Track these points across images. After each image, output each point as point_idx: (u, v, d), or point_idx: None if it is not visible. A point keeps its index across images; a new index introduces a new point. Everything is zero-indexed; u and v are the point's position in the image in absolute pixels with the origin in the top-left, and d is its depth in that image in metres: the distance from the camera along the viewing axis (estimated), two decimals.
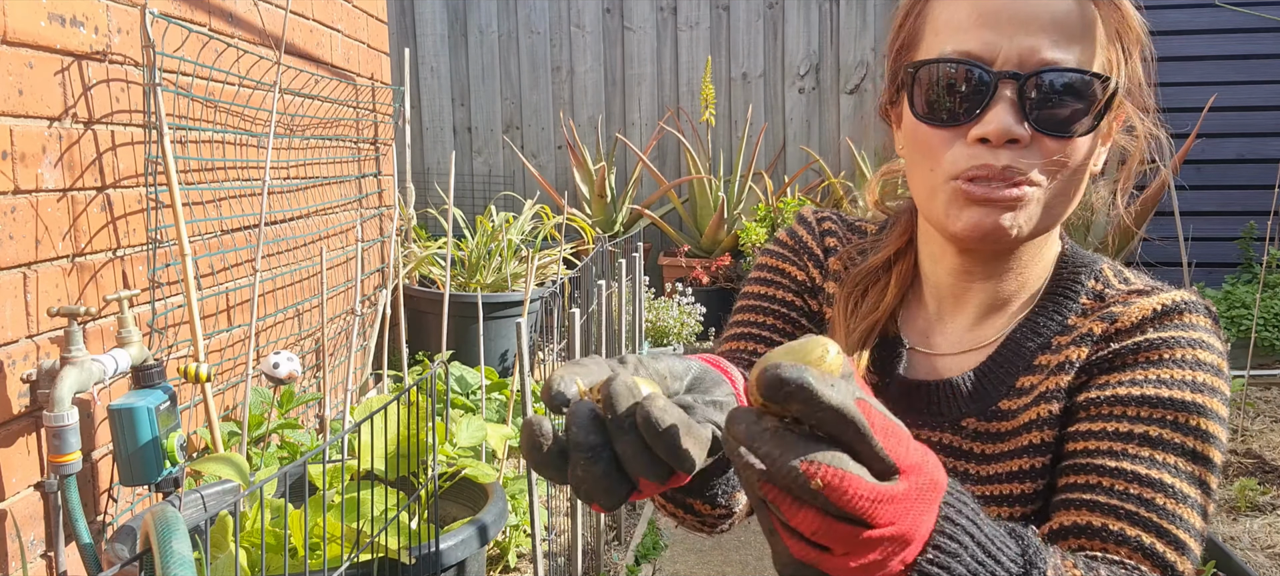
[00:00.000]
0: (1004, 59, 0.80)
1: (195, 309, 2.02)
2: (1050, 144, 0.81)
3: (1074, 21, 0.83)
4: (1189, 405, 0.80)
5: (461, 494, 1.82)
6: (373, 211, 3.58)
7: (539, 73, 5.67)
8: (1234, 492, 2.52)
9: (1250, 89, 5.00)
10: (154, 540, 0.82)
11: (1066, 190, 0.84)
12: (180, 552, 0.80)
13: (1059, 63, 0.81)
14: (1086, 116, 0.82)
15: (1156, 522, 0.77)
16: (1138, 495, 0.78)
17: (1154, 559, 0.76)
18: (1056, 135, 0.81)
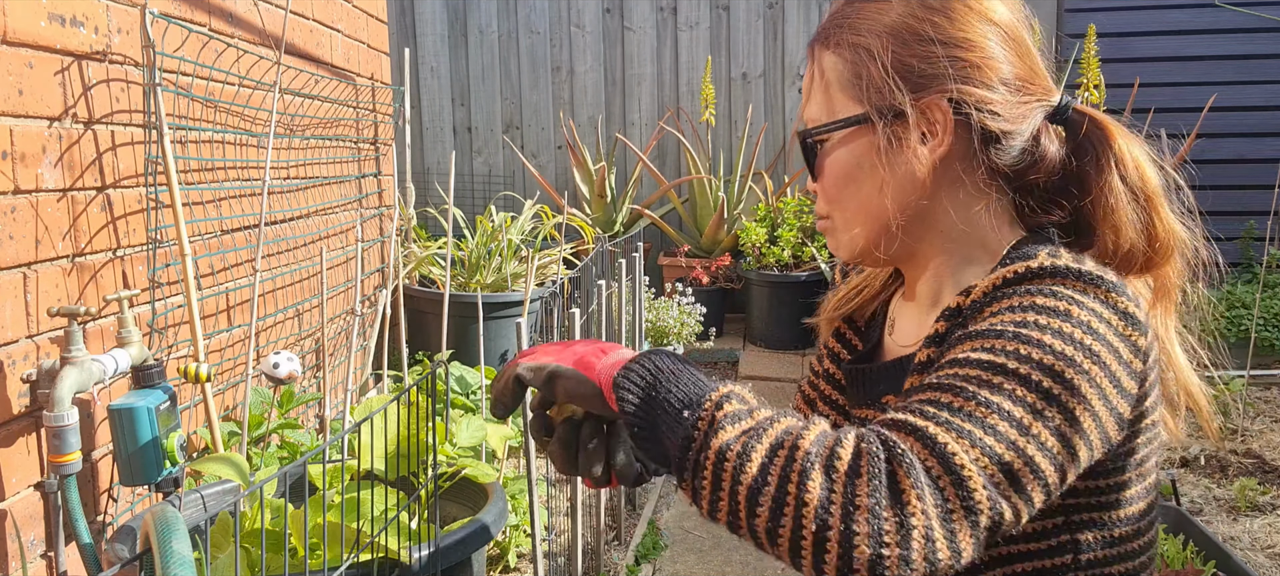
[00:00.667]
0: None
1: (195, 309, 2.02)
2: (817, 183, 1.02)
3: (809, 82, 1.03)
4: (1007, 333, 0.80)
5: (461, 494, 1.82)
6: (373, 211, 3.58)
7: (539, 73, 5.67)
8: (1234, 492, 2.53)
9: (1250, 89, 5.00)
10: (154, 540, 0.82)
11: (859, 208, 0.98)
12: (180, 552, 0.81)
13: (803, 122, 1.03)
14: (816, 156, 1.01)
15: (935, 409, 0.76)
16: (931, 396, 0.78)
17: (918, 434, 0.74)
18: (815, 176, 1.01)
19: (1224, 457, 2.79)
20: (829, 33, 1.02)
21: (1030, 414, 0.77)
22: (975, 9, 0.99)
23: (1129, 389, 0.83)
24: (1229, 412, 3.11)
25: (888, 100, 0.96)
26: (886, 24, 0.98)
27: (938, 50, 0.96)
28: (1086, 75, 4.32)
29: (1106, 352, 0.82)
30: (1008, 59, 0.99)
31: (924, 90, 0.95)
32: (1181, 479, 2.68)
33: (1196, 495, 2.57)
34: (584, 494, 2.48)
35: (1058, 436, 0.78)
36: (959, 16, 0.98)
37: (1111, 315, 0.84)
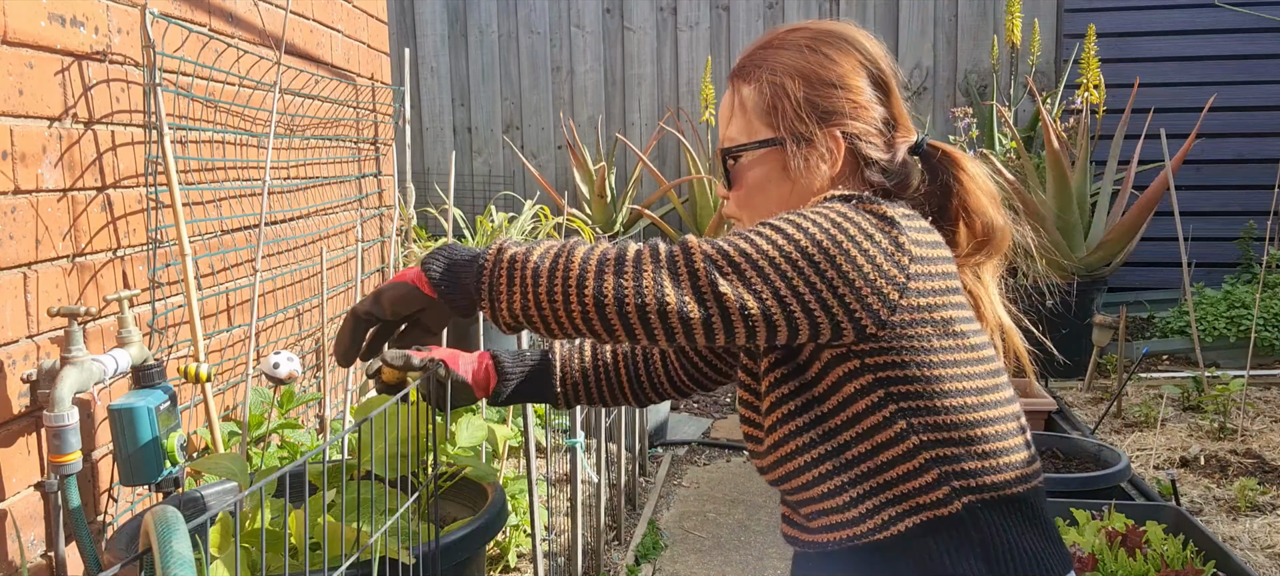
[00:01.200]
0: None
1: (195, 309, 2.02)
2: (732, 190, 1.31)
3: (729, 108, 1.32)
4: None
5: (461, 494, 1.82)
6: (373, 211, 3.58)
7: (539, 73, 5.67)
8: (1234, 492, 2.53)
9: (1250, 89, 5.00)
10: (154, 540, 0.82)
11: (766, 212, 1.23)
12: (180, 553, 0.80)
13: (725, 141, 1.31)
14: (735, 169, 1.30)
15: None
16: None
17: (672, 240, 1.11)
18: (730, 185, 1.31)
19: (1224, 457, 2.79)
20: (748, 69, 1.30)
21: (767, 238, 1.09)
22: (862, 63, 1.29)
23: (883, 267, 1.12)
24: (1229, 412, 3.11)
25: (799, 129, 1.25)
26: (798, 67, 1.27)
27: (837, 93, 1.26)
28: (1086, 75, 4.32)
29: (854, 230, 1.11)
30: (881, 103, 1.29)
31: (826, 123, 1.25)
32: (1181, 479, 2.68)
33: (1196, 495, 2.57)
34: (584, 494, 2.48)
35: (788, 260, 1.08)
36: (850, 68, 1.28)
37: (866, 217, 1.13)
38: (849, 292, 1.10)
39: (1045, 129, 4.03)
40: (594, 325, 1.08)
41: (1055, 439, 2.66)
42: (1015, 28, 4.78)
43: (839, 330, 1.12)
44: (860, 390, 1.18)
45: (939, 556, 1.18)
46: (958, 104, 5.31)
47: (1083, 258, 4.15)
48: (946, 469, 1.18)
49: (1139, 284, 4.92)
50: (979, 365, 1.21)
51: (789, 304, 1.09)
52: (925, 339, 1.16)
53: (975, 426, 1.18)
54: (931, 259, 1.18)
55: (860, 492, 1.21)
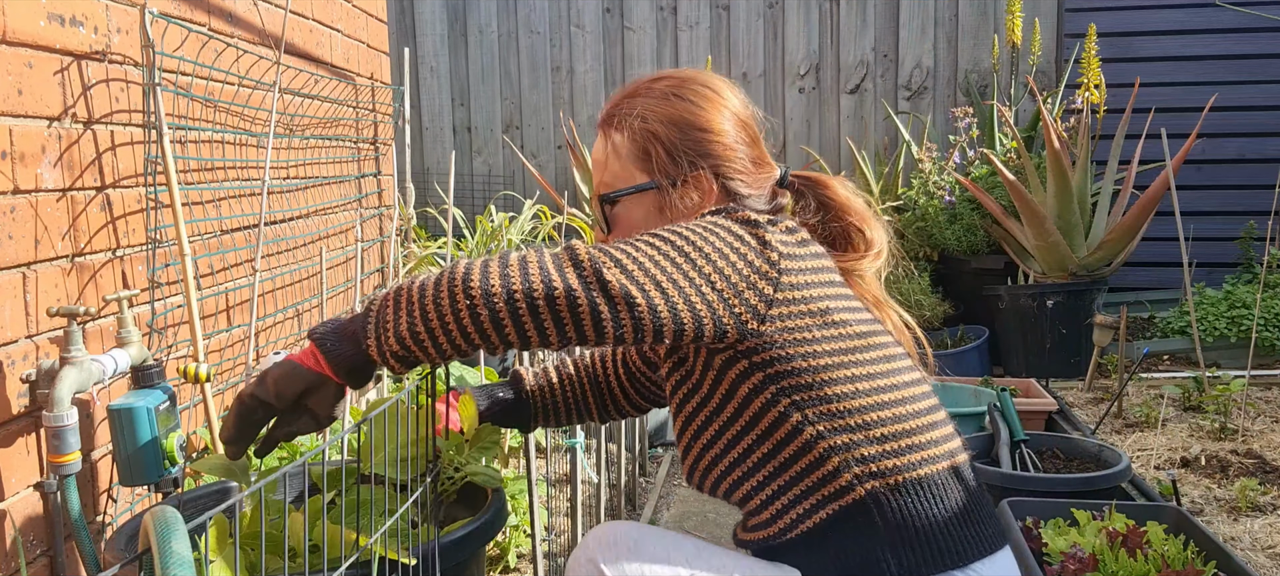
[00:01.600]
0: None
1: (195, 309, 2.02)
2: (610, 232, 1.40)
3: (602, 155, 1.41)
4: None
5: (461, 494, 1.82)
6: (372, 211, 3.58)
7: (539, 73, 5.67)
8: (1234, 492, 2.52)
9: (1250, 89, 4.99)
10: (153, 540, 0.82)
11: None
12: (180, 553, 0.80)
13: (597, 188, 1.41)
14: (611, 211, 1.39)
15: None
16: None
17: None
18: (608, 227, 1.40)
19: (1225, 458, 2.79)
20: (619, 117, 1.38)
21: (646, 241, 1.17)
22: (729, 110, 1.39)
23: (754, 262, 1.20)
24: (1229, 412, 3.11)
25: (671, 171, 1.35)
26: (668, 115, 1.36)
27: (706, 138, 1.35)
28: (1087, 75, 4.32)
29: (724, 232, 1.20)
30: (745, 144, 1.40)
31: (696, 165, 1.35)
32: (1182, 479, 2.67)
33: (1197, 495, 2.57)
34: (584, 494, 2.48)
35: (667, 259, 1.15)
36: (716, 114, 1.37)
37: (740, 229, 1.22)
38: (726, 286, 1.17)
39: (1046, 129, 4.03)
40: (482, 319, 1.08)
41: (1056, 439, 2.66)
42: (1016, 27, 4.77)
43: (721, 326, 1.18)
44: (753, 390, 1.23)
45: (849, 549, 1.22)
46: (958, 104, 5.31)
47: (1083, 258, 4.15)
48: (845, 455, 1.22)
49: (1140, 284, 4.91)
50: (869, 352, 1.26)
51: (671, 296, 1.13)
52: (806, 330, 1.22)
53: (869, 411, 1.23)
54: (800, 255, 1.25)
55: (770, 493, 1.26)
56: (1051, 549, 1.86)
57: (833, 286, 1.28)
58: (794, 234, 1.28)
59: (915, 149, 4.85)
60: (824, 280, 1.27)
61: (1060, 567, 1.77)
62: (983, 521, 1.27)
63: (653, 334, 1.14)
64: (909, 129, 5.20)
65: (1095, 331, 3.60)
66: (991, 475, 2.38)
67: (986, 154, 4.60)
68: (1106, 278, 4.22)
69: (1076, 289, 4.08)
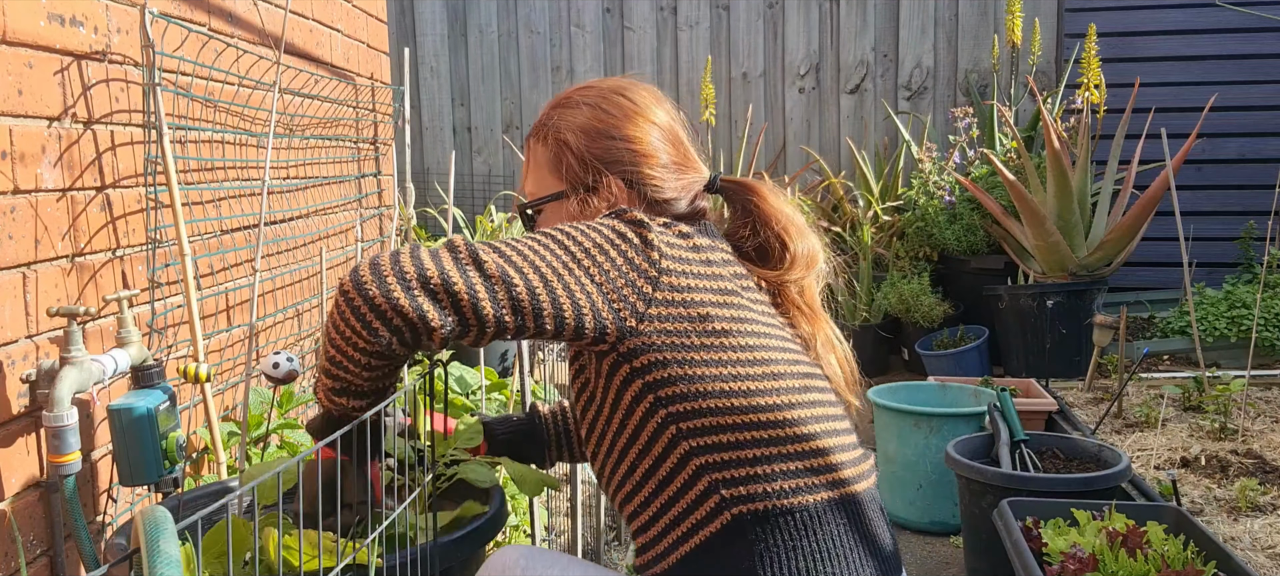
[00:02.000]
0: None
1: (195, 309, 2.02)
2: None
3: (526, 166, 1.44)
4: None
5: (461, 494, 1.82)
6: (372, 211, 3.58)
7: (539, 72, 5.67)
8: (1234, 492, 2.52)
9: (1251, 88, 4.99)
10: (142, 540, 0.82)
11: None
12: (168, 553, 0.80)
13: (522, 195, 1.44)
14: (532, 222, 1.42)
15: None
16: None
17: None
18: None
19: (1225, 458, 2.79)
20: (539, 129, 1.40)
21: (529, 236, 1.18)
22: (643, 115, 1.38)
23: (635, 260, 1.19)
24: (1229, 412, 3.11)
25: (583, 179, 1.36)
26: (579, 124, 1.37)
27: (617, 144, 1.36)
28: (1087, 75, 4.32)
29: (607, 231, 1.21)
30: (666, 150, 1.39)
31: (606, 172, 1.35)
32: (1182, 479, 2.67)
33: (1197, 495, 2.57)
34: (584, 494, 2.48)
35: (540, 258, 1.16)
36: (631, 120, 1.37)
37: (624, 226, 1.22)
38: (605, 281, 1.17)
39: (1046, 129, 4.03)
40: (370, 320, 1.10)
41: (1056, 439, 2.66)
42: (1016, 27, 4.77)
43: (600, 320, 1.17)
44: (634, 398, 1.22)
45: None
46: (958, 104, 5.31)
47: (1083, 258, 4.15)
48: (715, 476, 1.19)
49: (1140, 284, 4.91)
50: (753, 366, 1.22)
51: (551, 282, 1.14)
52: (684, 336, 1.20)
53: (743, 430, 1.20)
54: (687, 258, 1.24)
55: (653, 513, 1.24)
56: (1051, 549, 1.86)
57: (724, 294, 1.24)
58: (687, 238, 1.26)
59: (915, 149, 4.85)
60: (714, 287, 1.24)
61: (1060, 567, 1.77)
62: (850, 557, 1.21)
63: (534, 319, 1.14)
64: (909, 129, 5.20)
65: (1095, 331, 3.60)
66: (991, 475, 2.38)
67: (986, 154, 4.60)
68: (1106, 277, 4.22)
69: (1076, 289, 4.08)
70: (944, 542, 2.94)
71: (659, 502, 1.23)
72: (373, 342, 1.11)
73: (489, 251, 1.14)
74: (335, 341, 1.14)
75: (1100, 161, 4.60)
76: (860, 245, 4.67)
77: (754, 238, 1.40)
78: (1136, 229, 4.13)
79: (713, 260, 1.27)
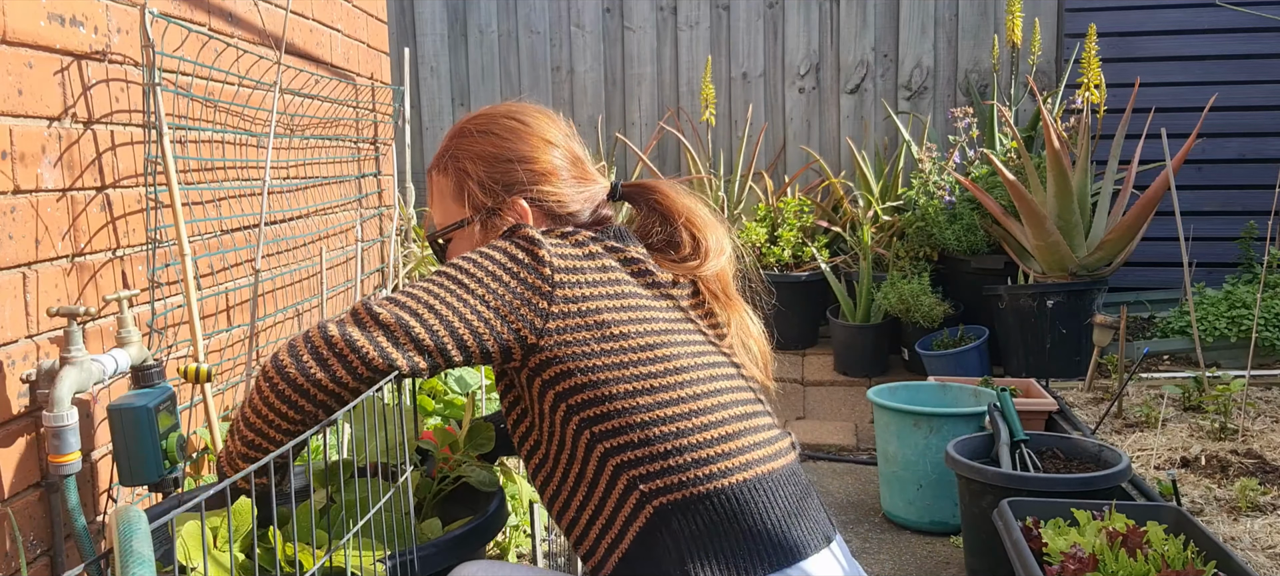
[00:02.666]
0: None
1: (195, 309, 2.02)
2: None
3: (430, 197, 1.50)
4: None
5: (462, 494, 1.82)
6: (372, 211, 3.58)
7: (539, 72, 5.67)
8: (1234, 492, 2.52)
9: (1251, 88, 4.99)
10: (115, 540, 0.82)
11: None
12: (141, 553, 0.80)
13: (432, 225, 1.49)
14: (444, 251, 1.47)
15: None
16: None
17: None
18: (443, 263, 1.39)
19: (1225, 458, 2.79)
20: (440, 160, 1.44)
21: (423, 279, 1.25)
22: (538, 136, 1.43)
23: (527, 279, 1.24)
24: (1229, 412, 3.11)
25: (485, 203, 1.40)
26: (477, 152, 1.41)
27: (516, 167, 1.40)
28: (1087, 75, 4.32)
29: (499, 255, 1.26)
30: (565, 166, 1.44)
31: (509, 193, 1.40)
32: (1182, 479, 2.67)
33: (1197, 495, 2.57)
34: None
35: (434, 297, 1.22)
36: (526, 141, 1.42)
37: (514, 247, 1.27)
38: (501, 304, 1.23)
39: (1046, 128, 4.03)
40: (299, 403, 1.19)
41: (1056, 439, 2.66)
42: (1016, 27, 4.77)
43: (503, 342, 1.23)
44: (550, 409, 1.27)
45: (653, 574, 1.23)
46: (958, 103, 5.30)
47: (1083, 258, 4.15)
48: (631, 474, 1.23)
49: (1140, 284, 4.91)
50: (653, 364, 1.26)
51: (448, 318, 1.21)
52: (583, 343, 1.24)
53: (652, 426, 1.24)
54: (583, 267, 1.28)
55: (585, 521, 1.29)
56: (1051, 549, 1.86)
57: (621, 297, 1.29)
58: (583, 247, 1.31)
59: (915, 149, 4.85)
60: (610, 291, 1.29)
61: (1060, 568, 1.77)
62: (776, 534, 1.25)
63: (442, 354, 1.21)
64: (909, 129, 5.19)
65: (1095, 331, 3.60)
66: (991, 475, 2.38)
67: (986, 154, 4.60)
68: (1106, 277, 4.22)
69: (1076, 289, 4.08)
70: (944, 542, 2.94)
71: (589, 509, 1.28)
72: (299, 416, 1.20)
73: (387, 305, 1.21)
74: (256, 424, 1.22)
75: (1100, 161, 4.60)
76: (860, 245, 4.67)
77: (663, 231, 1.45)
78: (1136, 229, 4.13)
79: (610, 265, 1.32)
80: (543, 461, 1.33)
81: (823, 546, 1.29)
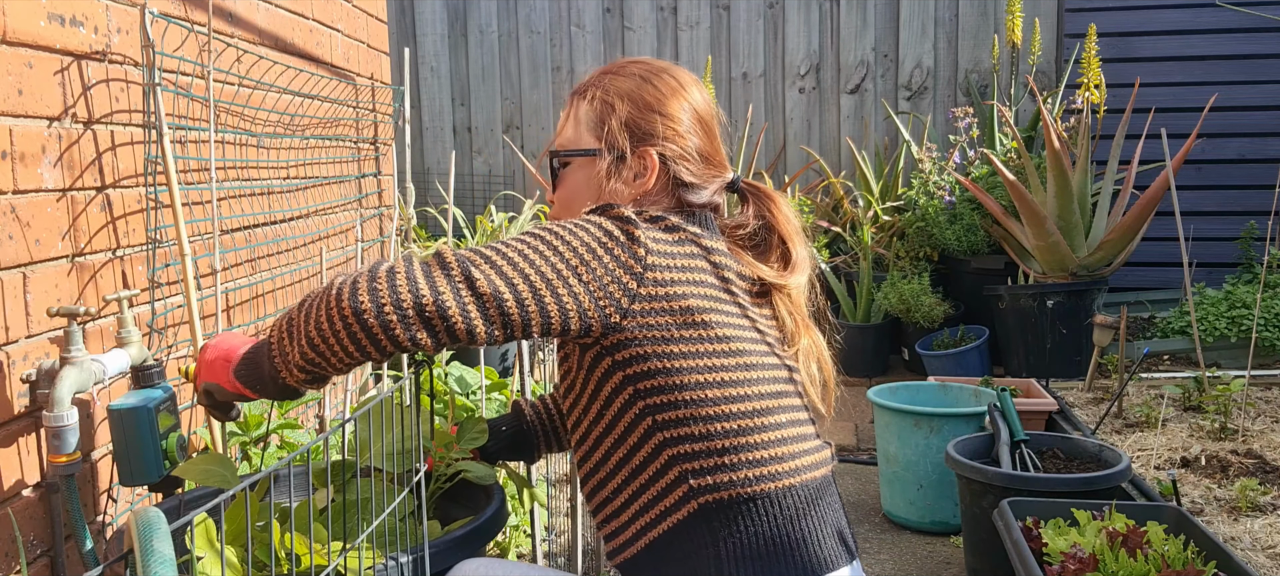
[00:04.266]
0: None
1: (195, 309, 2.02)
2: (554, 192, 1.45)
3: (564, 119, 1.45)
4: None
5: (461, 494, 1.82)
6: (373, 211, 3.58)
7: (539, 73, 5.67)
8: (1234, 492, 2.52)
9: (1251, 89, 4.99)
10: (136, 541, 0.82)
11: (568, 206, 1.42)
12: (162, 552, 0.80)
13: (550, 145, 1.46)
14: (558, 173, 1.44)
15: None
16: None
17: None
18: (554, 187, 1.45)
19: (1225, 458, 2.79)
20: (586, 88, 1.43)
21: (517, 239, 1.22)
22: (682, 96, 1.41)
23: (620, 256, 1.23)
24: (1229, 412, 3.11)
25: (618, 143, 1.38)
26: (627, 91, 1.40)
27: (657, 118, 1.38)
28: (1087, 75, 4.32)
29: (594, 228, 1.24)
30: (699, 135, 1.41)
31: (643, 143, 1.38)
32: (1182, 479, 2.67)
33: (1197, 495, 2.57)
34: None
35: (536, 253, 1.20)
36: (673, 100, 1.40)
37: (611, 225, 1.25)
38: (591, 279, 1.21)
39: (1046, 129, 4.03)
40: (359, 337, 1.14)
41: (1056, 439, 2.66)
42: (1016, 27, 4.77)
43: (586, 319, 1.21)
44: (614, 390, 1.26)
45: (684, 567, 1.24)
46: (958, 104, 5.31)
47: (1083, 258, 4.15)
48: (685, 466, 1.24)
49: (1140, 284, 4.91)
50: (727, 358, 1.26)
51: (538, 289, 1.18)
52: (665, 328, 1.23)
53: (716, 420, 1.24)
54: (673, 253, 1.27)
55: (623, 501, 1.28)
56: (1051, 549, 1.86)
57: (706, 287, 1.29)
58: (675, 232, 1.30)
59: (915, 149, 4.85)
60: (696, 279, 1.28)
61: (1060, 568, 1.77)
62: (804, 545, 1.27)
63: (523, 327, 1.19)
64: (909, 129, 5.19)
65: (1095, 331, 3.60)
66: (992, 475, 2.38)
67: (986, 154, 4.60)
68: (1107, 277, 4.22)
69: (1077, 289, 4.08)
70: (944, 542, 2.94)
71: (630, 490, 1.28)
72: (361, 356, 1.16)
73: (482, 266, 1.17)
74: (319, 346, 1.17)
75: (1100, 161, 4.60)
76: (860, 245, 4.67)
77: (755, 234, 1.44)
78: (1137, 229, 4.13)
79: (695, 254, 1.31)
80: (586, 434, 1.33)
81: (846, 564, 1.31)
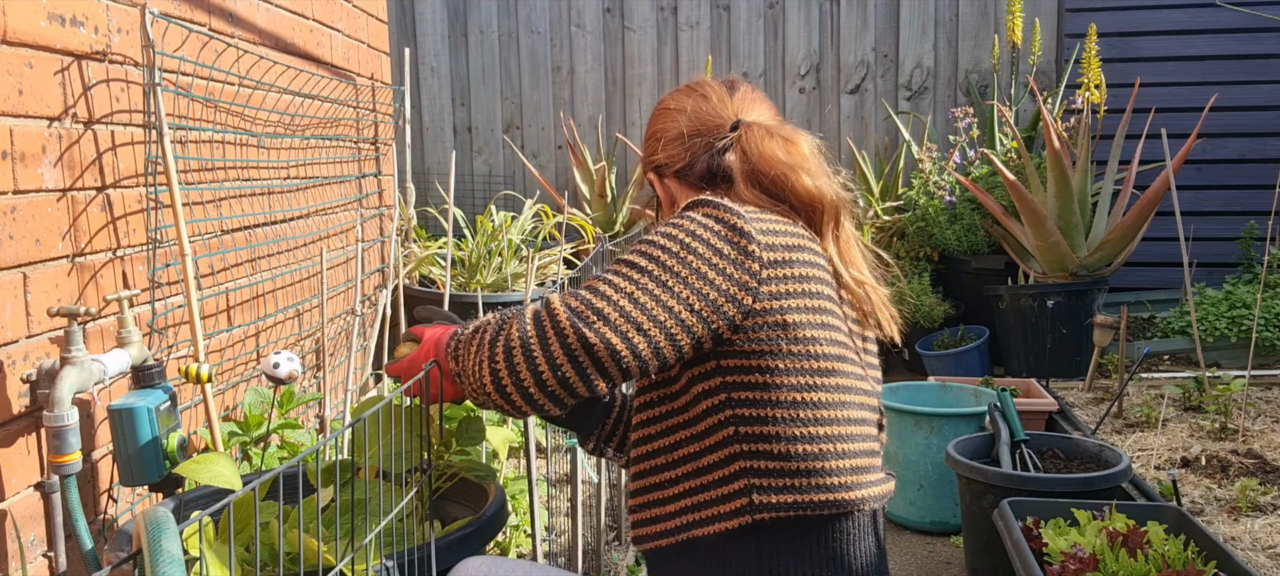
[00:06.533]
0: None
1: (195, 309, 2.02)
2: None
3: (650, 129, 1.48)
4: (635, 242, 1.26)
5: (461, 494, 1.82)
6: (373, 211, 3.58)
7: (539, 73, 5.67)
8: (1235, 492, 2.52)
9: (1251, 89, 4.99)
10: (144, 540, 0.82)
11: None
12: (171, 552, 0.80)
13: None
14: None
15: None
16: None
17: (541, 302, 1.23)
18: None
19: (1225, 458, 2.79)
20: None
21: (620, 277, 1.20)
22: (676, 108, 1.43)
23: (732, 273, 1.20)
24: (1230, 412, 3.11)
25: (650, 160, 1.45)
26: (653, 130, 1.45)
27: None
28: (1087, 75, 4.32)
29: (700, 245, 1.21)
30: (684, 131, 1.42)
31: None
32: (1182, 479, 2.67)
33: (1197, 495, 2.56)
34: (584, 494, 2.48)
35: (644, 290, 1.19)
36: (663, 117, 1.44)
37: (716, 225, 1.23)
38: (705, 306, 1.20)
39: (1046, 129, 4.03)
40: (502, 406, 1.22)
41: (1056, 439, 2.66)
42: (1016, 27, 4.77)
43: (700, 345, 1.21)
44: (708, 391, 1.25)
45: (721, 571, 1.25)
46: (958, 104, 5.30)
47: (1084, 258, 4.15)
48: (753, 481, 1.22)
49: (1140, 284, 4.91)
50: (824, 377, 1.25)
51: (653, 336, 1.18)
52: (771, 342, 1.22)
53: (797, 442, 1.23)
54: (785, 260, 1.25)
55: (674, 492, 1.28)
56: (1052, 549, 1.86)
57: (814, 297, 1.27)
58: (780, 236, 1.26)
59: (915, 149, 4.85)
60: (807, 289, 1.26)
61: (1060, 568, 1.77)
62: (868, 567, 1.28)
63: (640, 372, 1.20)
64: (909, 129, 5.19)
65: (1095, 331, 3.60)
66: (992, 475, 2.38)
67: (987, 154, 4.60)
68: (1107, 277, 4.22)
69: (1077, 289, 4.08)
70: (944, 542, 2.94)
71: (688, 484, 1.27)
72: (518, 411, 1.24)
73: (596, 324, 1.17)
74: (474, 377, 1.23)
75: (1100, 161, 4.60)
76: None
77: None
78: (1137, 229, 4.13)
79: (814, 254, 1.30)
80: (660, 419, 1.31)
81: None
